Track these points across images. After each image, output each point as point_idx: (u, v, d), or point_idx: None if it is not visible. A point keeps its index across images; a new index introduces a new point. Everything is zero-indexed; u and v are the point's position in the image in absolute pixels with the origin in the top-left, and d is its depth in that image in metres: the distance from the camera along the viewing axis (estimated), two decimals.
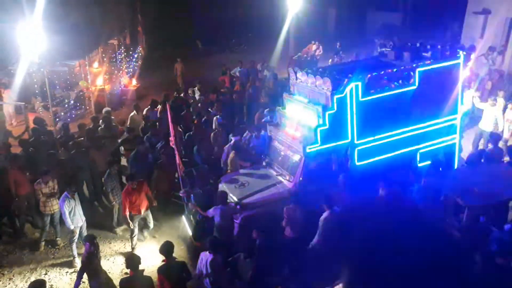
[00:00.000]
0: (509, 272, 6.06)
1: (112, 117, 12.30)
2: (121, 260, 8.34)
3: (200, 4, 30.38)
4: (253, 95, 14.55)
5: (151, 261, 8.09)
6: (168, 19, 28.02)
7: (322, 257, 6.95)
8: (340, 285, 5.20)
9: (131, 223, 8.43)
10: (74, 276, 8.09)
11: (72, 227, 8.18)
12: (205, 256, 6.61)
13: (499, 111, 11.22)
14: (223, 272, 6.61)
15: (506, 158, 9.63)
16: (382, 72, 8.43)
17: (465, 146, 10.75)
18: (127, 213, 8.36)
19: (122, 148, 11.32)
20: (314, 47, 21.04)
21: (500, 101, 11.51)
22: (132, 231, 8.51)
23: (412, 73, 8.57)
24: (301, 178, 8.30)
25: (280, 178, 8.76)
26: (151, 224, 8.81)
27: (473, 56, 9.75)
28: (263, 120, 11.54)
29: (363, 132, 8.44)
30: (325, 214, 7.19)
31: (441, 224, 7.53)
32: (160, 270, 6.43)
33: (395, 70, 8.54)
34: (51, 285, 7.89)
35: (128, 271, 6.54)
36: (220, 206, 7.79)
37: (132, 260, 6.28)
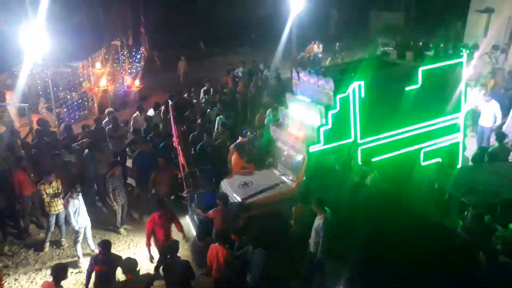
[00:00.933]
0: None
1: None
2: None
3: (203, 6, 30.41)
4: (255, 95, 14.56)
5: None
6: (171, 20, 28.07)
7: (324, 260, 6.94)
8: None
9: (150, 255, 7.94)
10: (79, 276, 8.13)
11: (77, 228, 8.23)
12: (215, 248, 6.64)
13: (496, 106, 11.19)
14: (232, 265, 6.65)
15: None
16: (385, 71, 8.41)
17: (469, 145, 10.71)
18: (150, 246, 7.87)
19: (128, 150, 11.37)
20: (315, 47, 21.04)
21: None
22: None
23: (415, 72, 8.56)
24: (304, 178, 8.30)
25: (283, 177, 8.76)
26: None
27: (476, 54, 9.71)
28: (265, 120, 11.53)
29: (366, 131, 8.43)
30: (318, 221, 6.98)
31: (445, 223, 7.53)
32: (164, 268, 6.47)
33: (397, 69, 8.52)
34: None
35: None
36: (220, 207, 7.79)
37: (129, 264, 6.29)
